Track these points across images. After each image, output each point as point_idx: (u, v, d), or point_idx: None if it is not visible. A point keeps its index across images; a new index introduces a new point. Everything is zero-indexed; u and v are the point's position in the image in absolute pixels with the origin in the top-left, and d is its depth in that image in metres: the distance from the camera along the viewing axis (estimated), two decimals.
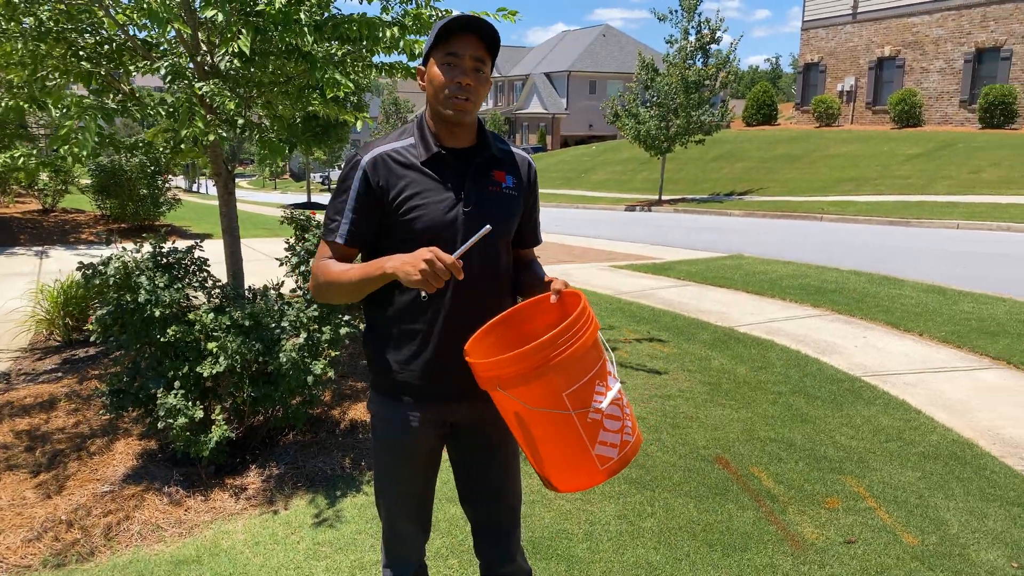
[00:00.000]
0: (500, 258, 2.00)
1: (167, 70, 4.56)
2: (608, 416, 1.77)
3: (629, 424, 1.84)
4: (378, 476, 2.17)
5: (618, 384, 1.80)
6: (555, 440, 1.78)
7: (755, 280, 9.17)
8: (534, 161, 2.13)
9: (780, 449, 4.24)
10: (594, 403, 1.74)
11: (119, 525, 3.43)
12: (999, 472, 3.95)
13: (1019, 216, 14.48)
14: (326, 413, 4.61)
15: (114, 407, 3.73)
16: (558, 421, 1.74)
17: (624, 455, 1.81)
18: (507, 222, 2.00)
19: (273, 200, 33.68)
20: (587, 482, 1.82)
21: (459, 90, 1.85)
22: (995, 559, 3.14)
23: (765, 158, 27.56)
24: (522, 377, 1.70)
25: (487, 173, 1.97)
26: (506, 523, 2.21)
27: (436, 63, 1.87)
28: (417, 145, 1.93)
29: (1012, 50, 26.57)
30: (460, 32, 1.85)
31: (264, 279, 6.58)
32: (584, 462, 1.78)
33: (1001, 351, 5.97)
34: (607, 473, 1.80)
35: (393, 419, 2.05)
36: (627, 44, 57.72)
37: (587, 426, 1.75)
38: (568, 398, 1.72)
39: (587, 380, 1.73)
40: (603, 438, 1.78)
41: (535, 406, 1.73)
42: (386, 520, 2.20)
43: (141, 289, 3.64)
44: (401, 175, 1.90)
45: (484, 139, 1.98)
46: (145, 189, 12.78)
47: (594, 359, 1.75)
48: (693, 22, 22.32)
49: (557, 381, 1.70)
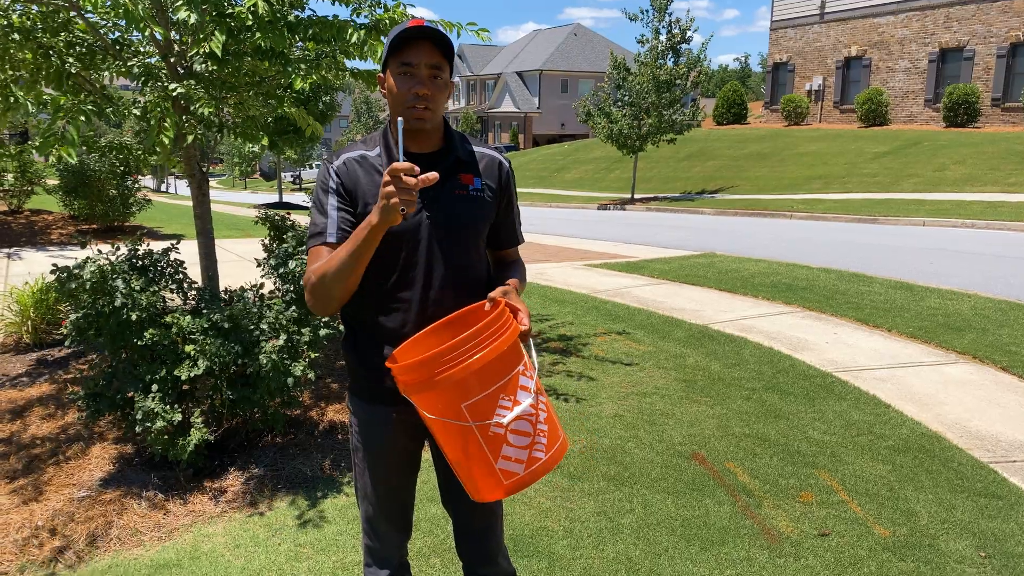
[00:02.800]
0: (470, 258, 2.01)
1: (139, 70, 4.52)
2: (513, 431, 1.73)
3: (543, 441, 1.78)
4: (358, 477, 2.19)
5: (531, 399, 1.76)
6: (457, 450, 1.77)
7: (728, 278, 9.28)
8: (508, 160, 2.13)
9: (755, 444, 4.31)
10: (496, 417, 1.72)
11: (97, 530, 3.41)
12: (966, 464, 4.06)
13: (982, 213, 14.80)
14: (305, 414, 4.61)
15: (91, 411, 3.70)
16: (458, 431, 1.73)
17: (534, 471, 1.77)
18: (476, 224, 2.00)
19: (244, 200, 33.36)
20: (490, 494, 1.79)
21: (416, 100, 1.86)
22: (963, 549, 3.23)
23: (735, 156, 27.85)
24: (421, 386, 1.71)
25: (453, 176, 1.97)
26: (485, 524, 2.23)
27: (392, 73, 1.88)
28: (382, 154, 1.96)
29: (974, 50, 27.12)
30: (414, 40, 1.85)
31: (238, 280, 6.54)
32: (487, 475, 1.76)
33: (967, 346, 6.11)
34: (512, 487, 1.76)
35: (370, 421, 2.09)
36: (599, 43, 57.94)
37: (489, 439, 1.73)
38: (467, 409, 1.71)
39: (489, 393, 1.71)
40: (507, 453, 1.74)
41: (433, 415, 1.73)
42: (366, 521, 2.22)
43: (117, 292, 3.62)
44: (364, 180, 1.93)
45: (450, 143, 1.99)
46: (114, 190, 12.61)
47: (500, 372, 1.72)
48: (664, 22, 22.48)
49: (453, 392, 1.69)
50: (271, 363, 3.65)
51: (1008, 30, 26.11)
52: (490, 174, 2.04)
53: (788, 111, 32.51)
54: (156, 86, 4.40)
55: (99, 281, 3.59)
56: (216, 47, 3.98)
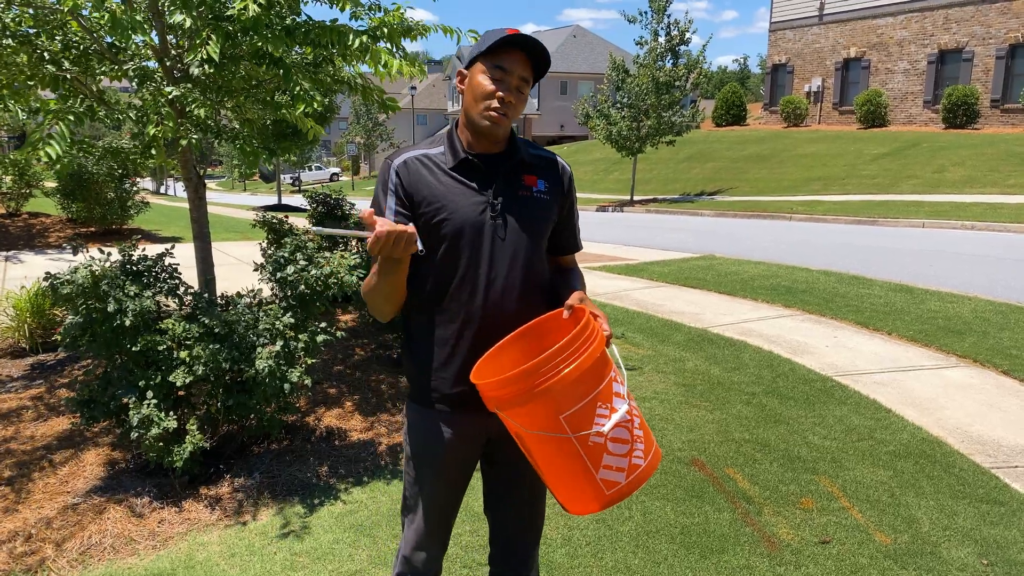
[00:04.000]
0: (532, 261, 1.98)
1: (135, 74, 4.49)
2: (613, 439, 1.71)
3: (640, 447, 1.76)
4: (407, 487, 2.13)
5: (626, 405, 1.74)
6: (557, 463, 1.73)
7: (727, 281, 9.25)
8: (568, 164, 2.12)
9: (755, 450, 4.28)
10: (595, 426, 1.68)
11: (90, 538, 3.37)
12: (967, 470, 4.03)
13: (981, 215, 14.77)
14: (301, 420, 4.57)
15: (85, 418, 3.67)
16: (558, 444, 1.69)
17: (635, 478, 1.74)
18: (538, 226, 1.99)
19: (243, 202, 33.33)
20: (594, 506, 1.75)
21: (500, 104, 1.86)
22: (965, 556, 3.20)
23: (735, 158, 27.83)
24: (515, 400, 1.67)
25: (517, 178, 1.97)
26: (525, 538, 2.21)
27: (481, 70, 1.87)
28: (446, 152, 1.95)
29: (973, 51, 27.10)
30: (511, 48, 1.85)
31: (236, 284, 6.51)
32: (588, 486, 1.73)
33: (967, 349, 6.09)
34: (615, 496, 1.74)
35: (428, 428, 2.03)
36: (598, 45, 57.90)
37: (589, 449, 1.69)
38: (566, 421, 1.67)
39: (587, 403, 1.68)
40: (607, 462, 1.71)
41: (532, 428, 1.69)
42: (412, 532, 2.14)
43: (110, 298, 3.58)
44: (429, 180, 1.91)
45: (514, 145, 1.99)
46: (112, 193, 12.58)
47: (594, 380, 1.69)
48: (662, 23, 22.45)
49: (550, 405, 1.65)
50: (267, 369, 3.62)
51: (1007, 31, 26.10)
52: (553, 177, 2.04)
53: (787, 112, 32.49)
54: (151, 88, 4.37)
55: (92, 287, 3.55)
56: (213, 52, 3.95)
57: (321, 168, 58.55)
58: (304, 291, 3.95)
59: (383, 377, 5.33)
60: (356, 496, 3.77)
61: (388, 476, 3.99)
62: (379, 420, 4.65)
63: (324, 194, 7.68)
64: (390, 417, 4.70)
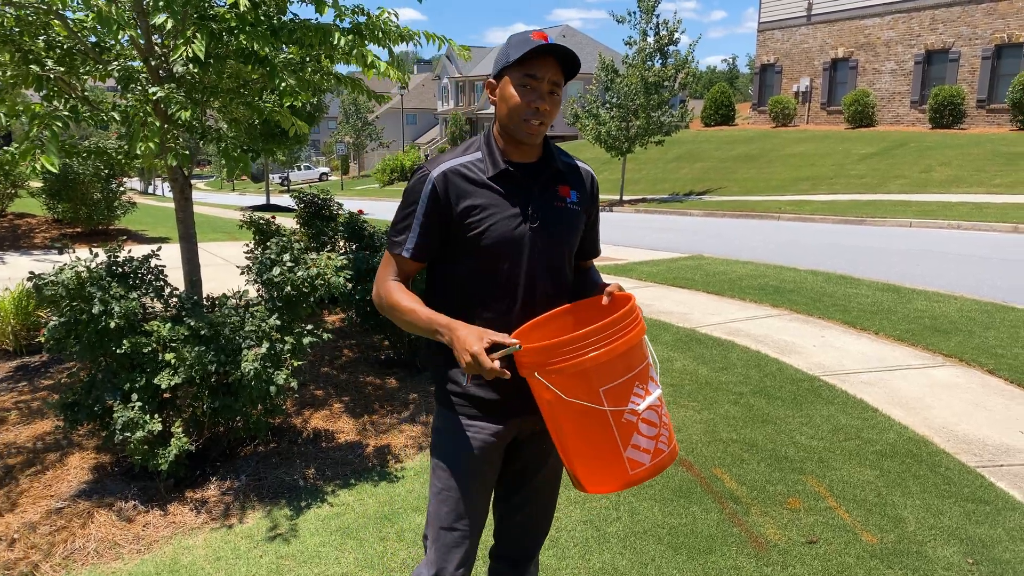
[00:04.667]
0: (564, 274, 2.02)
1: (119, 74, 4.45)
2: (645, 420, 1.75)
3: (666, 434, 1.81)
4: (432, 497, 2.07)
5: (659, 390, 1.79)
6: (587, 436, 1.76)
7: (715, 280, 9.28)
8: (595, 173, 2.13)
9: (742, 450, 4.29)
10: (631, 404, 1.73)
11: (74, 543, 3.34)
12: (953, 469, 4.05)
13: (968, 214, 14.87)
14: (288, 422, 4.55)
15: (68, 421, 3.64)
16: (592, 415, 1.72)
17: (657, 463, 1.78)
18: (572, 237, 2.02)
19: (231, 202, 33.18)
20: (614, 484, 1.79)
21: (535, 115, 1.86)
22: (951, 555, 3.22)
23: (723, 158, 27.91)
24: (562, 365, 1.70)
25: (553, 188, 1.98)
26: (533, 537, 2.22)
27: (512, 83, 1.86)
28: (484, 160, 1.94)
29: (960, 52, 27.27)
30: (540, 55, 1.84)
31: (223, 285, 6.47)
32: (614, 463, 1.76)
33: (953, 348, 6.12)
34: (636, 479, 1.77)
35: (458, 433, 2.01)
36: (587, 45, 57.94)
37: (621, 426, 1.73)
38: (605, 394, 1.71)
39: (627, 379, 1.73)
40: (636, 442, 1.75)
41: (570, 396, 1.71)
42: (444, 546, 2.06)
43: (95, 300, 3.55)
44: (469, 191, 1.90)
45: (549, 153, 1.99)
46: (99, 193, 12.49)
47: (637, 360, 1.75)
48: (651, 23, 22.50)
49: (592, 376, 1.69)
50: (253, 371, 3.60)
51: (993, 32, 26.28)
52: (582, 186, 2.06)
53: (776, 112, 32.61)
54: (136, 90, 4.33)
55: (76, 288, 3.52)
56: (199, 50, 3.92)
57: (310, 168, 58.37)
58: (290, 292, 3.93)
59: (371, 379, 5.31)
60: (343, 499, 3.76)
61: (375, 478, 3.97)
62: (366, 422, 4.64)
63: (312, 194, 7.65)
64: (378, 419, 4.69)
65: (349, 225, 6.42)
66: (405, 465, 4.15)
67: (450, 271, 1.97)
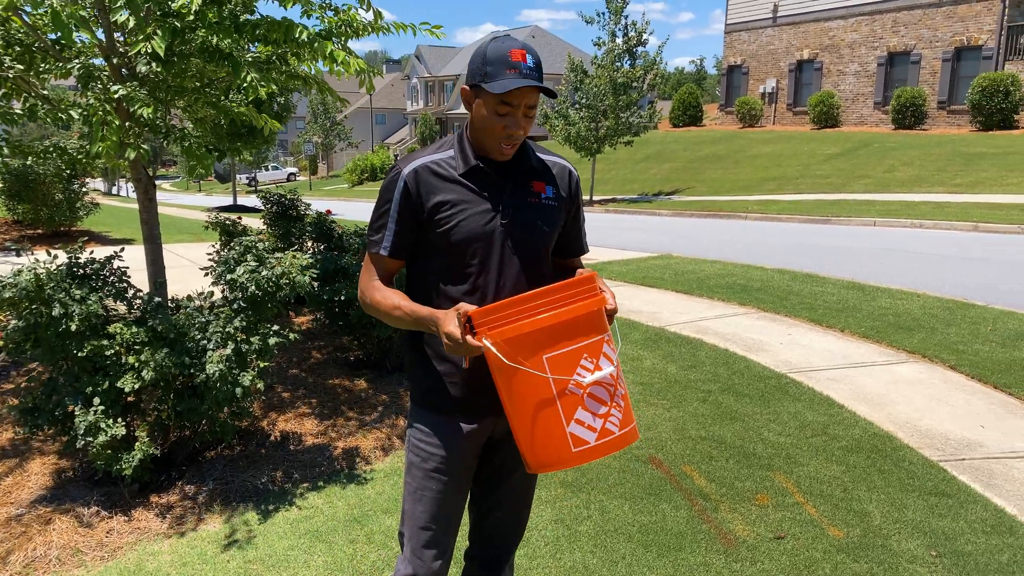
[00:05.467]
0: (538, 266, 2.00)
1: (80, 72, 4.37)
2: (591, 396, 1.71)
3: (617, 415, 1.75)
4: (407, 497, 2.07)
5: (612, 368, 1.74)
6: (530, 406, 1.72)
7: (684, 279, 9.34)
8: (575, 169, 2.12)
9: (711, 447, 4.32)
10: (576, 375, 1.70)
11: (35, 550, 3.27)
12: (917, 463, 4.11)
13: (930, 213, 15.14)
14: (255, 425, 4.50)
15: (29, 426, 3.55)
16: (535, 383, 1.70)
17: (604, 443, 1.73)
18: (548, 232, 2.00)
19: (197, 203, 32.74)
20: (556, 460, 1.74)
21: (509, 139, 1.87)
22: (915, 548, 3.27)
23: (692, 158, 28.15)
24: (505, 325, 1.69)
25: (526, 184, 1.98)
26: (509, 539, 2.22)
27: (487, 107, 1.84)
28: (456, 157, 1.94)
29: (921, 54, 27.77)
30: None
31: (188, 287, 6.38)
32: (557, 436, 1.72)
33: (916, 345, 6.23)
34: (581, 456, 1.72)
35: (433, 432, 2.01)
36: (556, 45, 58.08)
37: (565, 398, 1.70)
38: (548, 362, 1.69)
39: (573, 349, 1.70)
40: (580, 416, 1.71)
41: (514, 362, 1.69)
42: (418, 546, 2.07)
43: (55, 302, 3.48)
44: (440, 187, 1.91)
45: (523, 151, 1.99)
46: (60, 194, 12.25)
47: (588, 332, 1.72)
48: (620, 24, 22.60)
49: (537, 339, 1.68)
50: (219, 373, 3.55)
51: (952, 35, 26.80)
52: (561, 183, 2.05)
53: (743, 113, 32.96)
54: (96, 88, 4.25)
55: (36, 290, 3.44)
56: (159, 47, 3.85)
57: (278, 168, 57.82)
58: (255, 293, 3.88)
59: (340, 380, 5.27)
60: (312, 501, 3.72)
61: (344, 481, 3.94)
62: (335, 424, 4.60)
63: (279, 194, 7.57)
64: (346, 421, 4.65)
65: (317, 225, 6.37)
66: (375, 467, 4.12)
67: (424, 267, 1.98)
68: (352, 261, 5.30)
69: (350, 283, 5.06)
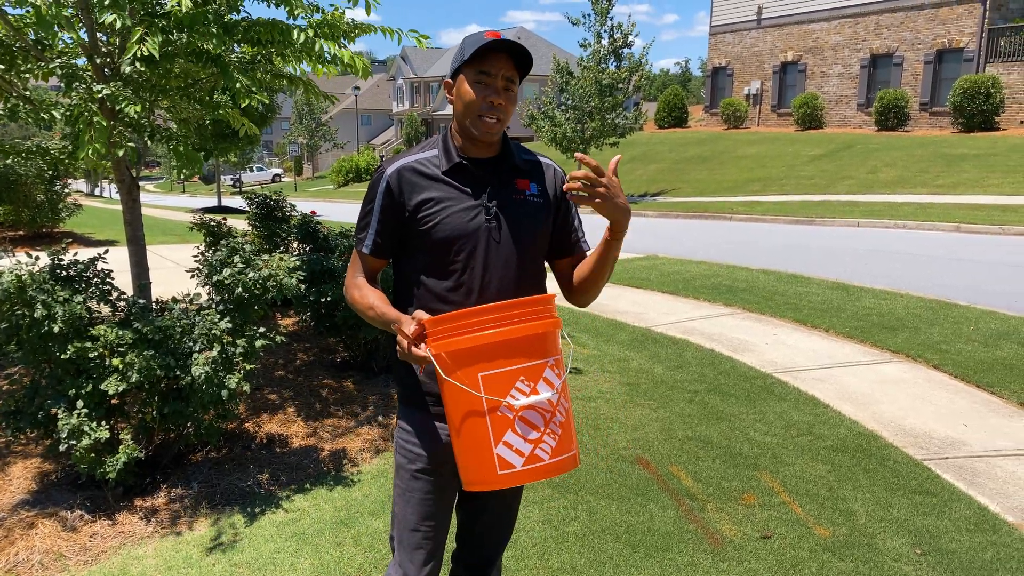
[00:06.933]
0: (525, 268, 1.98)
1: (62, 72, 4.32)
2: (522, 419, 1.68)
3: (550, 443, 1.72)
4: (397, 499, 2.07)
5: (549, 394, 1.71)
6: (463, 423, 1.72)
7: (670, 280, 9.37)
8: (561, 167, 2.11)
9: (698, 447, 4.34)
10: (509, 397, 1.68)
11: (17, 555, 3.23)
12: (901, 462, 4.14)
13: (913, 214, 15.26)
14: (241, 427, 4.47)
15: (11, 429, 3.51)
16: (468, 401, 1.69)
17: (531, 470, 1.70)
18: (531, 229, 1.99)
19: (182, 204, 32.53)
20: (482, 480, 1.72)
21: (490, 109, 1.87)
22: (900, 547, 3.29)
23: (677, 160, 28.25)
24: (447, 339, 1.69)
25: (510, 182, 1.98)
26: (496, 539, 2.22)
27: (467, 80, 1.87)
28: (440, 156, 1.95)
29: (903, 56, 28.01)
30: (492, 52, 1.85)
31: (173, 289, 6.33)
32: (484, 457, 1.70)
33: (900, 345, 6.28)
34: (506, 479, 1.69)
35: (420, 431, 2.01)
36: (542, 47, 58.12)
37: (495, 418, 1.68)
38: (483, 380, 1.68)
39: (509, 371, 1.68)
40: (509, 439, 1.68)
41: (451, 375, 1.69)
42: (410, 546, 2.06)
43: (37, 304, 3.44)
44: (423, 185, 1.91)
45: (507, 149, 1.99)
46: (42, 195, 12.13)
47: (529, 355, 1.70)
48: (605, 26, 22.66)
49: (474, 356, 1.67)
50: (204, 375, 3.52)
51: (934, 37, 27.04)
52: (546, 181, 2.05)
53: (727, 115, 33.12)
54: (80, 88, 4.21)
55: (17, 292, 3.41)
56: (152, 48, 3.82)
57: (263, 169, 57.55)
58: (241, 294, 3.86)
59: (326, 382, 5.25)
60: (298, 504, 3.70)
61: (331, 483, 3.92)
62: (322, 426, 4.58)
63: (264, 195, 7.54)
64: (333, 422, 4.63)
65: (302, 227, 6.34)
66: (361, 469, 4.10)
67: (409, 266, 1.98)
68: (338, 263, 5.28)
69: (336, 285, 5.04)
